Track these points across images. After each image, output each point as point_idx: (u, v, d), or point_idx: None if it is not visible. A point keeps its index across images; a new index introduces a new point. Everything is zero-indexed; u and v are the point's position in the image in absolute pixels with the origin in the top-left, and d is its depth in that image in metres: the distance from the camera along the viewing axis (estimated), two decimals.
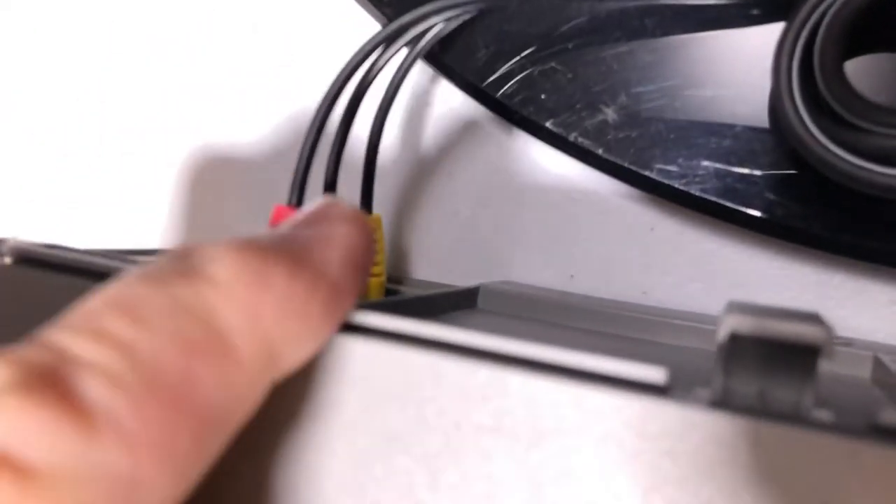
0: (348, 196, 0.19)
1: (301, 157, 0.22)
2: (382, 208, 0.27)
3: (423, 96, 0.28)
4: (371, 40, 0.23)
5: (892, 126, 0.18)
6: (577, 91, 0.23)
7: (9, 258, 0.16)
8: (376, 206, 0.24)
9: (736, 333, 0.11)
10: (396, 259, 0.28)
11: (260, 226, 0.28)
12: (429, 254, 0.28)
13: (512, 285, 0.24)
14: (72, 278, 0.15)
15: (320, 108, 0.22)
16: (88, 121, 0.35)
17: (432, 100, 0.28)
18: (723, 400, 0.11)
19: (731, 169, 0.22)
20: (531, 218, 0.26)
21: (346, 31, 0.29)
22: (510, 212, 0.27)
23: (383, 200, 0.28)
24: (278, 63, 0.31)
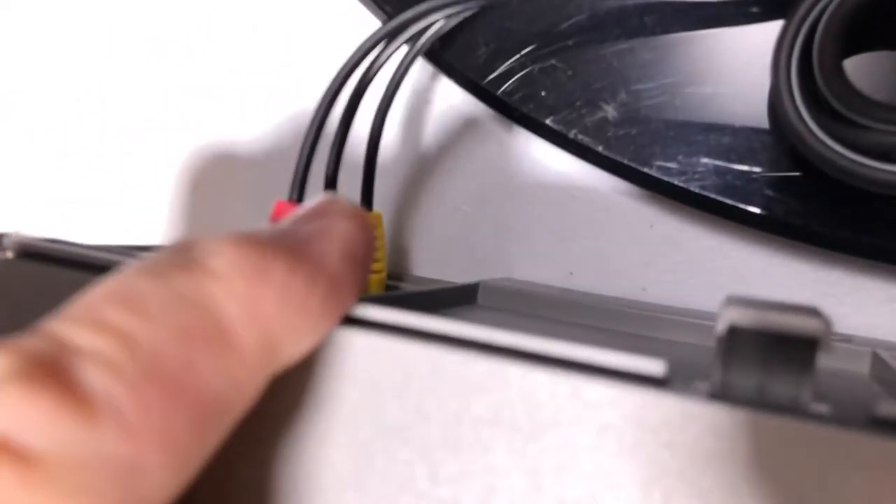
0: (349, 193, 0.19)
1: (301, 154, 0.22)
2: (383, 205, 0.27)
3: (424, 93, 0.28)
4: (371, 37, 0.23)
5: (891, 122, 0.18)
6: (577, 88, 0.23)
7: (11, 252, 0.16)
8: (377, 203, 0.24)
9: (735, 326, 0.11)
10: (396, 256, 0.28)
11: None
12: (429, 251, 0.28)
13: (512, 282, 0.24)
14: (73, 272, 0.15)
15: (321, 104, 0.22)
16: (88, 121, 0.35)
17: (433, 97, 0.28)
18: (721, 392, 0.11)
19: (731, 166, 0.22)
20: (531, 215, 0.26)
21: (346, 31, 0.29)
22: (510, 209, 0.27)
23: (384, 197, 0.28)
24: (278, 63, 0.31)
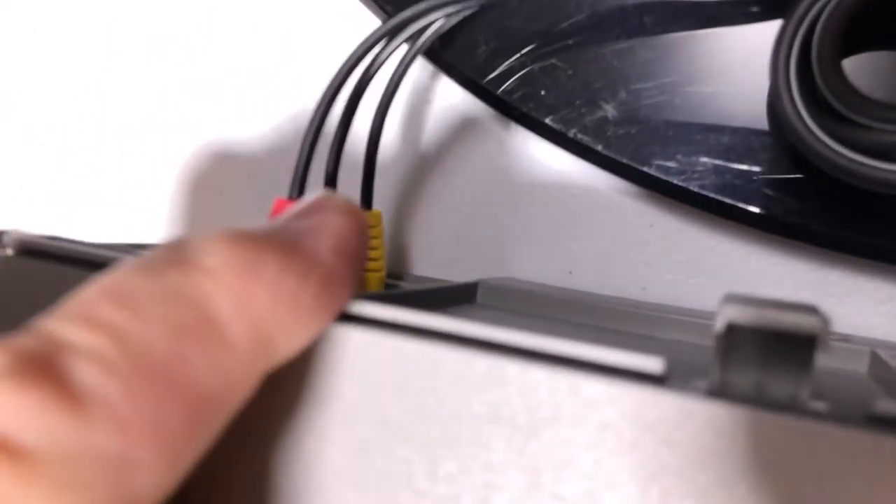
0: (349, 192, 0.19)
1: (302, 152, 0.22)
2: (382, 204, 0.27)
3: (424, 93, 0.28)
4: (371, 36, 0.23)
5: (890, 122, 0.18)
6: (576, 88, 0.24)
7: (10, 249, 0.16)
8: (376, 201, 0.24)
9: (733, 324, 0.11)
10: (396, 255, 0.28)
11: None
12: (428, 250, 0.28)
13: (511, 281, 0.24)
14: (73, 269, 0.15)
15: (321, 103, 0.22)
16: (88, 121, 0.35)
17: (432, 96, 0.28)
18: (720, 390, 0.11)
19: (730, 165, 0.22)
20: (531, 214, 0.26)
21: (346, 31, 0.29)
22: (510, 208, 0.27)
23: (383, 196, 0.28)
24: (278, 63, 0.31)
